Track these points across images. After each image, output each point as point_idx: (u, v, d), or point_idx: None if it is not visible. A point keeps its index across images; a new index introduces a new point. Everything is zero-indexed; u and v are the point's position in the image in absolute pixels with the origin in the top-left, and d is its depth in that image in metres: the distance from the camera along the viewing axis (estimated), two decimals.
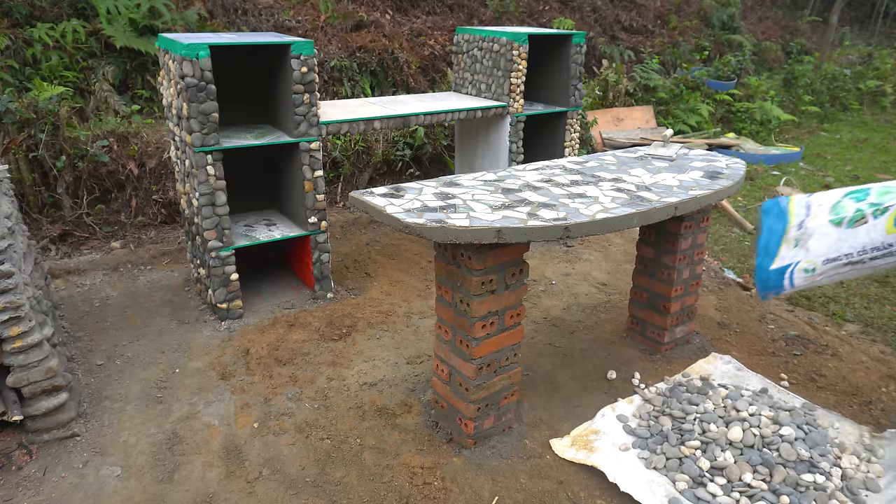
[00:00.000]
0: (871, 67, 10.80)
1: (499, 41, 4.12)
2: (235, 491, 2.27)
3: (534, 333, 3.37)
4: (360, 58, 6.46)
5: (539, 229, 2.03)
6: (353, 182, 5.56)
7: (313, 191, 3.47)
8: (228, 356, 3.10)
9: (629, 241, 4.73)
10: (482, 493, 2.27)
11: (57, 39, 5.13)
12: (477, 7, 8.42)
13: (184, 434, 2.55)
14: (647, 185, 2.54)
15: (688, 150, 3.20)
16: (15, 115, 4.09)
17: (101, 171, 4.51)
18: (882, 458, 2.42)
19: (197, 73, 2.95)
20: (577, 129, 4.52)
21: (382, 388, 2.88)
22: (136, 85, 5.49)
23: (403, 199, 2.28)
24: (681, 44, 9.86)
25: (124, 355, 3.09)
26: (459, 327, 2.34)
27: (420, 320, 3.50)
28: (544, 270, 4.19)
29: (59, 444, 2.45)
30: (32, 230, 4.21)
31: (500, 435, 2.55)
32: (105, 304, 3.61)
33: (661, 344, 3.15)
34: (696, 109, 7.89)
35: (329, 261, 3.65)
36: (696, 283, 3.15)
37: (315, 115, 3.35)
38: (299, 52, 3.18)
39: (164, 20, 5.58)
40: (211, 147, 3.10)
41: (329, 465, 2.39)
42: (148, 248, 4.33)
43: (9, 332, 2.26)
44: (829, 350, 3.27)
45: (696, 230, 3.00)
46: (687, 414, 2.62)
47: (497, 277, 2.25)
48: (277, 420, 2.64)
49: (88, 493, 2.24)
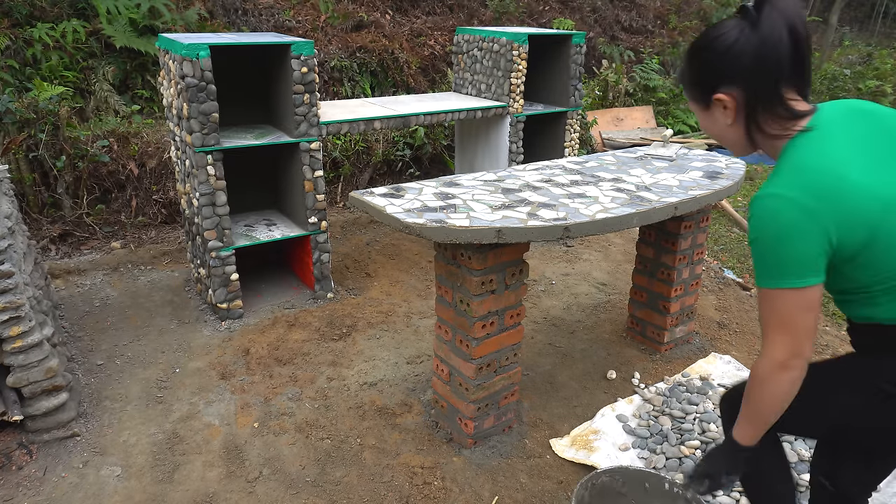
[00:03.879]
0: (871, 67, 10.79)
1: (499, 41, 4.13)
2: (235, 491, 2.27)
3: (534, 333, 3.37)
4: (360, 58, 6.46)
5: (539, 229, 2.04)
6: (354, 182, 5.56)
7: (313, 191, 3.47)
8: (229, 356, 3.10)
9: (629, 241, 4.73)
10: (482, 493, 2.27)
11: (57, 39, 5.13)
12: (477, 7, 8.43)
13: (184, 434, 2.55)
14: (646, 185, 2.54)
15: (688, 150, 3.21)
16: (15, 115, 4.09)
17: (101, 171, 4.51)
18: None
19: (197, 74, 2.95)
20: (577, 130, 4.52)
21: (382, 387, 2.88)
22: (136, 85, 5.50)
23: (403, 199, 2.29)
24: (681, 44, 9.86)
25: (124, 355, 3.09)
26: (459, 327, 2.34)
27: (420, 320, 3.50)
28: (544, 270, 4.19)
29: (59, 444, 2.45)
30: (32, 230, 4.21)
31: (500, 435, 2.56)
32: (105, 304, 3.61)
33: (661, 344, 3.16)
34: None
35: (329, 261, 3.65)
36: (695, 283, 3.15)
37: (315, 115, 3.35)
38: (299, 53, 3.18)
39: (164, 20, 5.58)
40: (211, 147, 3.10)
41: (329, 465, 2.39)
42: (148, 248, 4.33)
43: (9, 332, 2.26)
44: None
45: (696, 230, 3.00)
46: (687, 414, 2.62)
47: (497, 277, 2.25)
48: (277, 420, 2.64)
49: (88, 493, 2.24)
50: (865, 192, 1.18)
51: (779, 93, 1.25)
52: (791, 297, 1.21)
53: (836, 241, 1.20)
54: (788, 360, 1.24)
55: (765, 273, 1.24)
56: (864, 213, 1.18)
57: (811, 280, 1.21)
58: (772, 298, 1.23)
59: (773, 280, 1.22)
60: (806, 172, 1.20)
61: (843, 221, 1.18)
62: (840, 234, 1.19)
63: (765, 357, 1.28)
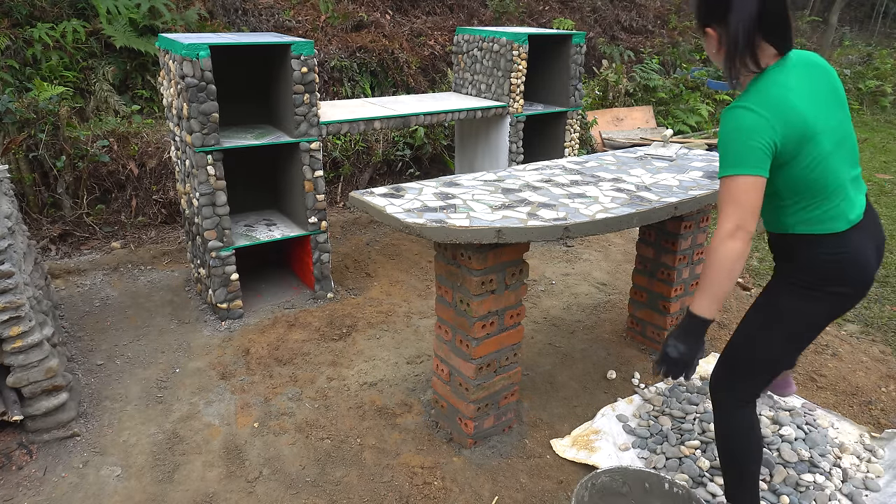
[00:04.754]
0: (871, 67, 10.80)
1: (499, 41, 4.13)
2: (235, 491, 2.27)
3: (534, 333, 3.37)
4: (360, 58, 6.46)
5: (539, 229, 2.04)
6: (353, 182, 5.56)
7: (313, 191, 3.47)
8: (229, 356, 3.10)
9: (629, 241, 4.73)
10: (482, 493, 2.27)
11: (57, 39, 5.13)
12: (477, 7, 8.43)
13: (184, 434, 2.55)
14: (646, 185, 2.54)
15: (688, 150, 3.21)
16: (15, 115, 4.09)
17: (101, 171, 4.51)
18: (882, 458, 2.42)
19: (197, 74, 2.95)
20: (576, 130, 4.52)
21: (382, 387, 2.88)
22: (136, 85, 5.49)
23: (403, 199, 2.29)
24: (681, 44, 9.86)
25: (124, 355, 3.09)
26: (459, 327, 2.34)
27: (420, 320, 3.50)
28: (544, 270, 4.19)
29: (59, 444, 2.45)
30: (32, 230, 4.21)
31: (500, 435, 2.55)
32: (105, 304, 3.61)
33: (661, 344, 3.15)
34: (695, 109, 7.89)
35: (329, 261, 3.65)
36: (695, 284, 3.15)
37: (315, 115, 3.35)
38: (299, 53, 3.18)
39: (164, 20, 5.58)
40: (211, 147, 3.10)
41: (329, 465, 2.39)
42: (148, 248, 4.33)
43: (9, 332, 2.26)
44: (828, 350, 3.27)
45: (696, 230, 3.00)
46: (687, 414, 2.62)
47: (497, 277, 2.25)
48: (277, 420, 2.64)
49: (88, 493, 2.24)
50: (800, 116, 1.58)
51: (750, 42, 1.61)
52: (743, 181, 1.57)
53: (779, 146, 1.59)
54: (735, 231, 1.57)
55: (727, 164, 1.60)
56: (797, 129, 1.59)
57: (759, 171, 1.58)
58: (729, 182, 1.59)
59: (732, 168, 1.58)
60: (763, 94, 1.60)
61: (784, 132, 1.58)
62: (782, 141, 1.59)
63: (717, 231, 1.60)
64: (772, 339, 1.80)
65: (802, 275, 1.73)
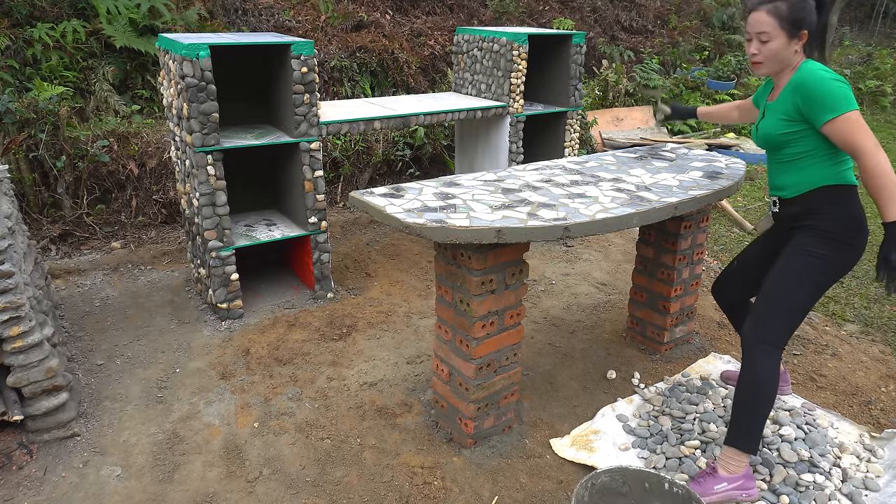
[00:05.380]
0: (871, 67, 10.79)
1: (499, 41, 4.13)
2: (235, 491, 2.27)
3: (534, 333, 3.37)
4: (360, 58, 6.46)
5: (539, 229, 2.04)
6: (353, 182, 5.56)
7: (313, 191, 3.47)
8: (229, 356, 3.10)
9: (629, 241, 4.73)
10: (482, 493, 2.27)
11: (57, 39, 5.14)
12: (477, 7, 8.43)
13: (184, 434, 2.55)
14: (646, 185, 2.54)
15: (688, 150, 3.21)
16: (15, 115, 4.09)
17: (101, 171, 4.52)
18: (882, 458, 2.42)
19: (197, 74, 2.95)
20: (576, 129, 4.53)
21: (382, 387, 2.88)
22: (136, 85, 5.50)
23: (403, 199, 2.29)
24: (681, 44, 9.86)
25: (124, 355, 3.10)
26: (459, 327, 2.34)
27: (420, 320, 3.50)
28: (544, 270, 4.19)
29: (59, 444, 2.45)
30: (32, 230, 4.21)
31: (500, 435, 2.56)
32: (105, 304, 3.61)
33: (661, 344, 3.16)
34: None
35: (329, 261, 3.66)
36: (695, 283, 3.15)
37: (315, 115, 3.35)
38: (299, 53, 3.18)
39: (164, 20, 5.58)
40: (211, 147, 3.10)
41: (329, 465, 2.40)
42: (148, 248, 4.33)
43: (9, 332, 2.27)
44: (828, 350, 3.27)
45: (696, 230, 3.00)
46: (687, 414, 2.62)
47: (497, 277, 2.25)
48: (277, 420, 2.64)
49: (88, 493, 2.24)
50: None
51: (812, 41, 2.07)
52: (858, 113, 1.97)
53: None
54: (877, 145, 1.95)
55: (842, 104, 1.96)
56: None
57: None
58: (850, 115, 1.95)
59: (847, 105, 1.96)
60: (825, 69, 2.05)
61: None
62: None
63: (864, 152, 1.94)
64: (813, 289, 2.11)
65: (832, 226, 2.08)
